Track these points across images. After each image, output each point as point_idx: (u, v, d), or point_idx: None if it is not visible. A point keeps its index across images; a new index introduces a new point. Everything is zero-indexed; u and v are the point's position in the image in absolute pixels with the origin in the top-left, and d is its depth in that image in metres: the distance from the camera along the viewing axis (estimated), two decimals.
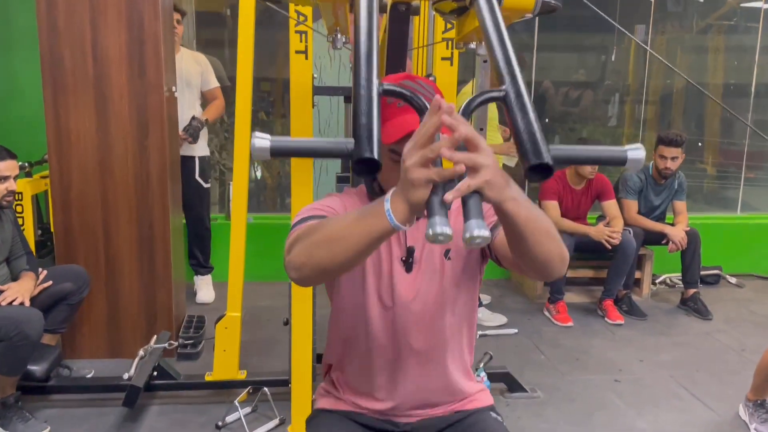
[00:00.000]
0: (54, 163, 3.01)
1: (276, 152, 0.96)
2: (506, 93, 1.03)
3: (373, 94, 0.98)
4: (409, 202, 0.93)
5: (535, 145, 0.94)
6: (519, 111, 1.00)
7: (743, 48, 5.35)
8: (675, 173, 4.10)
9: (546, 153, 0.93)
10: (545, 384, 3.03)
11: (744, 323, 3.92)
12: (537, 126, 0.97)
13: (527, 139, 0.95)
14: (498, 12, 1.18)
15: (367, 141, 0.92)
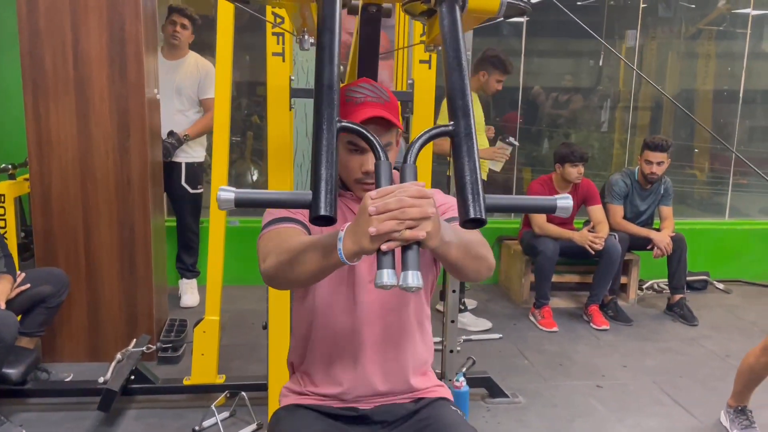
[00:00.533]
0: (34, 165, 3.00)
1: (240, 203, 1.03)
2: (455, 131, 1.07)
3: (333, 136, 1.02)
4: (360, 246, 1.01)
5: (475, 198, 1.00)
6: (466, 154, 1.04)
7: (732, 54, 5.36)
8: (661, 178, 4.10)
9: (482, 208, 1.00)
10: (527, 389, 3.01)
11: (730, 329, 3.91)
12: (479, 174, 1.03)
13: (469, 191, 1.00)
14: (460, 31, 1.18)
15: (324, 198, 0.98)
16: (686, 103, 5.60)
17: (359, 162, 1.40)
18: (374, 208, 0.98)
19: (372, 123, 1.37)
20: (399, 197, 0.98)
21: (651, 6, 5.34)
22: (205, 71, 3.76)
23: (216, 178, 2.63)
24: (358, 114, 1.36)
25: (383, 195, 1.00)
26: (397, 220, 0.97)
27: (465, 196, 1.00)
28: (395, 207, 0.98)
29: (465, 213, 0.99)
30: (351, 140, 1.39)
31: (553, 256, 3.83)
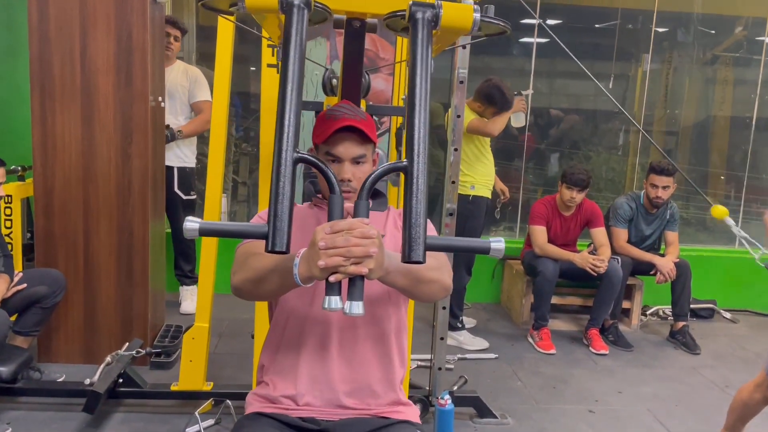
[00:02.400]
0: (38, 167, 3.06)
1: (203, 233, 1.14)
2: (409, 168, 1.14)
3: (288, 169, 1.12)
4: (311, 274, 1.15)
5: (415, 242, 1.10)
6: (415, 193, 1.12)
7: (746, 80, 5.30)
8: (667, 203, 4.05)
9: (422, 251, 1.10)
10: (517, 411, 2.98)
11: (733, 360, 3.83)
12: (424, 214, 1.12)
13: (412, 234, 1.11)
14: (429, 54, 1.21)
15: (277, 234, 1.09)
16: (702, 128, 5.54)
17: (336, 170, 1.48)
18: (324, 243, 1.11)
19: (347, 137, 1.45)
20: (345, 237, 1.11)
21: (671, 30, 5.32)
22: (194, 76, 3.86)
23: (211, 187, 2.66)
24: (333, 125, 1.46)
25: (334, 231, 1.12)
26: (343, 257, 1.10)
27: (409, 236, 1.11)
28: (341, 245, 1.10)
29: (407, 255, 1.11)
30: (328, 151, 1.49)
31: (552, 278, 3.79)
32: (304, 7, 1.19)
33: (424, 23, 1.23)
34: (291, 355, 1.49)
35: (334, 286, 1.11)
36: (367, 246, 1.10)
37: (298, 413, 1.45)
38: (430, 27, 1.24)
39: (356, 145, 1.48)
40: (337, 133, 1.46)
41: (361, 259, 1.10)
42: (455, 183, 2.68)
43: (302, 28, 1.17)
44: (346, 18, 1.75)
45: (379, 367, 1.49)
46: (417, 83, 1.17)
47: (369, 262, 1.11)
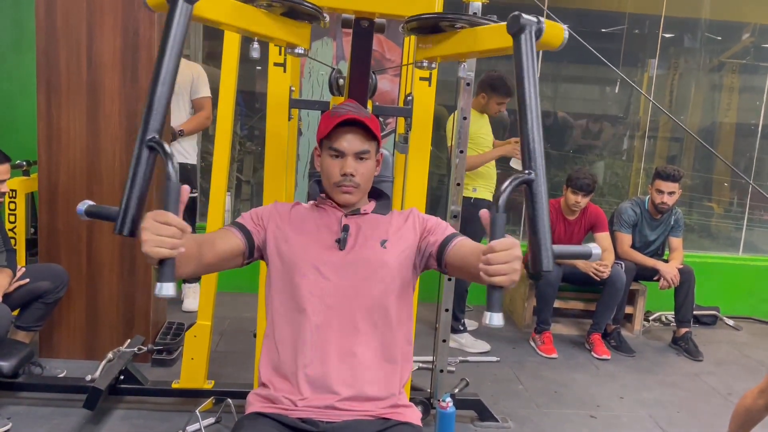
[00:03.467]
0: (43, 162, 3.06)
1: (89, 214, 1.22)
2: (534, 179, 1.19)
3: (141, 154, 1.15)
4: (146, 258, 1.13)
5: (545, 252, 1.15)
6: (542, 203, 1.16)
7: (754, 87, 5.29)
8: (672, 209, 4.04)
9: (551, 260, 1.15)
10: (518, 415, 2.96)
11: (735, 367, 3.81)
12: (548, 228, 1.16)
13: (542, 244, 1.14)
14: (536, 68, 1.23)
15: (123, 217, 1.13)
16: (708, 134, 5.53)
17: (339, 165, 1.50)
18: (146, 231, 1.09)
19: (350, 131, 1.44)
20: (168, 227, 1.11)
21: (677, 36, 5.31)
22: (197, 73, 3.87)
23: (216, 185, 2.66)
24: (337, 120, 1.48)
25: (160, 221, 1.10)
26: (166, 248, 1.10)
27: (539, 249, 1.14)
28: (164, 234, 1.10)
29: (538, 264, 1.14)
30: (331, 146, 1.50)
31: (555, 282, 3.78)
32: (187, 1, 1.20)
33: (530, 36, 1.23)
34: (290, 356, 1.49)
35: (163, 273, 1.10)
36: (512, 262, 1.10)
37: (297, 414, 1.45)
38: (534, 39, 1.24)
39: (359, 140, 1.49)
40: (339, 126, 1.46)
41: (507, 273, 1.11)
42: (460, 185, 2.67)
43: (183, 21, 1.19)
44: (354, 18, 1.75)
45: (381, 369, 1.49)
46: (526, 95, 1.20)
47: (515, 276, 1.11)
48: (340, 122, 1.47)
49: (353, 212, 1.56)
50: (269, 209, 1.59)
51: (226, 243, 1.49)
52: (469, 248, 1.43)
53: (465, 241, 1.48)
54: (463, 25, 1.56)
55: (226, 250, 1.48)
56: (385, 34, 3.99)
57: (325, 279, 1.48)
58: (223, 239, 1.49)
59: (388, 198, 1.63)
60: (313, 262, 1.49)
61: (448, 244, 1.49)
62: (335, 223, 1.54)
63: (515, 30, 1.23)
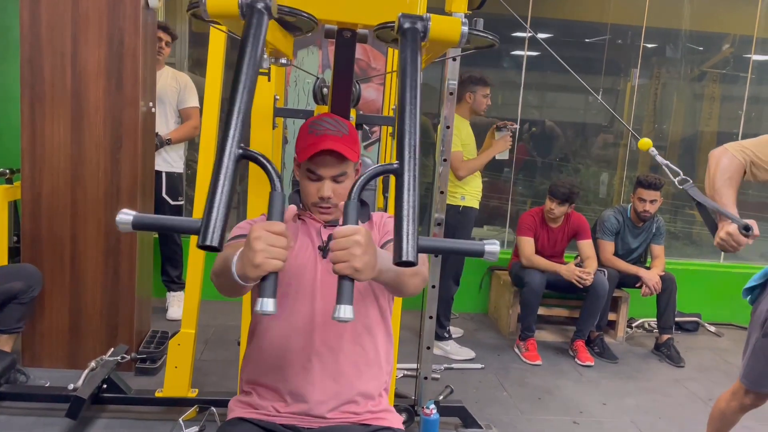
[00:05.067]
0: (26, 170, 3.05)
1: (137, 226, 1.13)
2: (400, 169, 1.12)
3: (231, 163, 1.07)
4: (245, 272, 1.10)
5: (408, 241, 1.05)
6: (407, 194, 1.09)
7: (733, 97, 5.38)
8: (653, 217, 4.10)
9: (414, 251, 1.05)
10: (502, 421, 2.98)
11: (716, 373, 3.86)
12: (415, 215, 1.08)
13: (405, 233, 1.06)
14: (419, 64, 1.23)
15: (212, 229, 1.03)
16: (690, 143, 5.61)
17: (316, 188, 1.52)
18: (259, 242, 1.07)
19: (328, 157, 1.49)
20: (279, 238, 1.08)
21: (659, 46, 5.39)
22: (184, 83, 3.87)
23: (200, 193, 2.66)
24: (315, 146, 1.48)
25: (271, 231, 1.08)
26: (278, 259, 1.07)
27: (400, 238, 1.06)
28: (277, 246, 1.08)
29: (398, 255, 1.05)
30: (309, 168, 1.51)
31: (539, 289, 3.82)
32: (264, 12, 1.20)
33: (414, 34, 1.25)
34: (272, 363, 1.49)
35: (266, 288, 1.07)
36: (351, 248, 1.06)
37: (279, 420, 1.46)
38: (419, 38, 1.26)
39: (336, 163, 1.49)
40: (317, 155, 1.47)
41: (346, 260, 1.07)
42: (444, 193, 2.70)
43: (261, 32, 1.17)
44: (337, 28, 1.77)
45: (363, 376, 1.50)
46: (407, 91, 1.19)
47: (355, 261, 1.06)
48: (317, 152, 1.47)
49: (332, 223, 1.57)
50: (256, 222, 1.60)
51: None
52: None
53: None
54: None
55: None
56: (371, 44, 4.02)
57: (307, 289, 1.49)
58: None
59: (368, 206, 1.65)
60: (295, 273, 1.50)
61: (386, 245, 1.49)
62: (315, 234, 1.55)
63: (399, 27, 1.25)
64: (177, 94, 3.84)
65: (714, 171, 2.11)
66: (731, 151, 2.11)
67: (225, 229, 1.04)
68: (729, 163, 2.09)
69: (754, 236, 1.87)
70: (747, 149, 2.10)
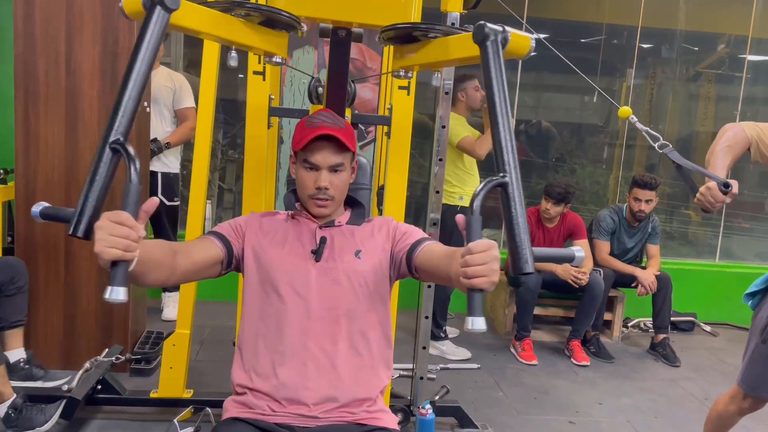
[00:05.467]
0: (20, 170, 3.03)
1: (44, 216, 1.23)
2: (508, 182, 1.18)
3: (104, 155, 1.13)
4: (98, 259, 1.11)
5: (524, 254, 1.12)
6: (517, 205, 1.16)
7: (728, 97, 5.39)
8: (649, 216, 4.10)
9: (531, 263, 1.12)
10: (498, 422, 2.98)
11: (712, 372, 3.86)
12: (527, 227, 1.15)
13: (521, 246, 1.12)
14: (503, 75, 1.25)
15: (82, 221, 1.13)
16: (686, 143, 5.61)
17: (313, 178, 1.51)
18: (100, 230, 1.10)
19: (325, 146, 1.45)
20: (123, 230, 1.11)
21: (655, 46, 5.40)
22: (179, 83, 3.83)
23: (195, 193, 2.65)
24: (312, 133, 1.47)
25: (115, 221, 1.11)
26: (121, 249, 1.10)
27: (518, 250, 1.12)
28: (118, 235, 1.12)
29: (519, 267, 1.11)
30: (305, 159, 1.50)
31: (535, 288, 3.82)
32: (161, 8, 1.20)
33: (496, 46, 1.25)
34: (267, 364, 1.49)
35: (114, 276, 1.08)
36: (490, 263, 1.08)
37: (274, 419, 1.45)
38: (501, 48, 1.26)
39: (334, 153, 1.49)
40: (314, 141, 1.46)
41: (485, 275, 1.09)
42: (439, 193, 2.69)
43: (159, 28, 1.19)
44: (332, 27, 1.77)
45: (359, 377, 1.49)
46: (496, 101, 1.21)
47: (494, 277, 1.09)
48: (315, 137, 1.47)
49: (328, 224, 1.57)
50: (247, 219, 1.59)
51: (204, 252, 1.48)
52: (438, 251, 1.43)
53: (434, 245, 1.48)
54: (436, 35, 1.58)
55: (204, 259, 1.47)
56: (367, 43, 4.01)
57: (301, 290, 1.49)
58: (202, 248, 1.48)
59: (363, 207, 1.64)
60: (290, 274, 1.50)
61: (416, 248, 1.50)
62: (310, 235, 1.54)
63: (480, 39, 1.25)
64: (172, 94, 3.81)
65: (717, 139, 2.11)
66: (743, 125, 2.10)
67: (95, 220, 1.09)
68: (734, 135, 2.08)
69: (733, 194, 1.88)
70: (759, 126, 2.09)
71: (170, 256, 1.35)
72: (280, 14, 1.53)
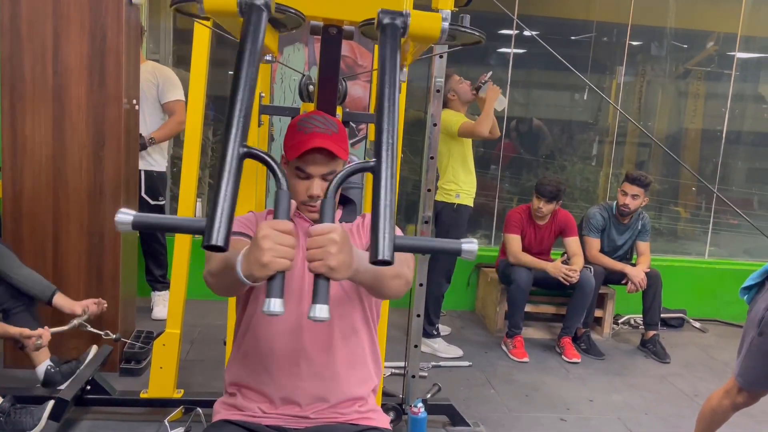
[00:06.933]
0: (7, 170, 3.00)
1: (137, 226, 1.07)
2: (377, 167, 1.10)
3: (235, 162, 1.05)
4: (251, 271, 1.08)
5: (385, 240, 1.03)
6: (384, 193, 1.07)
7: (717, 94, 5.42)
8: (639, 214, 4.12)
9: (390, 250, 1.02)
10: (490, 419, 2.98)
11: (701, 368, 3.89)
12: (392, 214, 1.06)
13: (381, 232, 1.03)
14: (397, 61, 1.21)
15: (218, 228, 1.00)
16: (675, 140, 5.64)
17: (305, 186, 1.50)
18: (266, 241, 1.05)
19: (317, 156, 1.45)
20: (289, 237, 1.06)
21: (644, 44, 5.42)
22: (163, 77, 3.74)
23: (185, 191, 2.63)
24: (305, 143, 1.46)
25: (278, 229, 1.06)
26: (286, 258, 1.05)
27: (376, 236, 1.04)
28: (285, 244, 1.05)
29: (374, 254, 1.03)
30: (298, 167, 1.49)
31: (526, 286, 3.82)
32: (264, 9, 1.18)
33: (393, 30, 1.23)
34: (258, 364, 1.48)
35: (274, 288, 1.05)
36: (326, 246, 1.05)
37: (265, 421, 1.44)
38: (399, 34, 1.25)
39: (326, 162, 1.48)
40: (307, 153, 1.45)
41: (320, 258, 1.05)
42: (431, 191, 2.69)
43: (260, 29, 1.16)
44: (322, 25, 1.75)
45: (351, 377, 1.49)
46: (385, 88, 1.17)
47: (329, 260, 1.05)
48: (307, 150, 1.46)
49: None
50: (250, 218, 1.58)
51: None
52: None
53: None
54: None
55: None
56: (358, 41, 4.00)
57: (295, 290, 1.47)
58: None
59: (355, 205, 1.64)
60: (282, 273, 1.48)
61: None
62: (303, 234, 1.53)
63: (379, 25, 1.23)
64: (155, 89, 3.72)
65: None
66: None
67: (230, 228, 1.01)
68: None
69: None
70: None
71: None
72: (288, 11, 1.49)
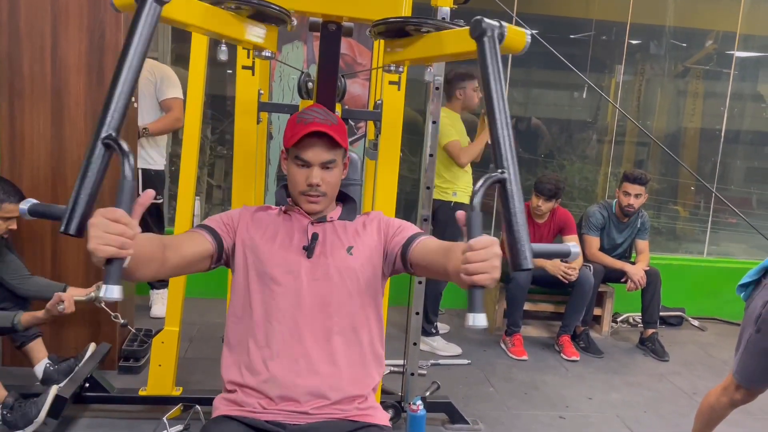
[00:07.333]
0: (6, 168, 2.99)
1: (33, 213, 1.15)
2: (506, 178, 1.16)
3: (96, 150, 1.11)
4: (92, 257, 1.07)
5: (524, 250, 1.12)
6: (515, 201, 1.15)
7: (716, 93, 5.43)
8: (638, 212, 4.12)
9: (529, 258, 1.12)
10: (489, 417, 2.98)
11: (700, 367, 3.89)
12: (525, 224, 1.14)
13: (520, 242, 1.12)
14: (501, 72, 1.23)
15: (74, 218, 1.09)
16: (674, 139, 5.65)
17: (304, 175, 1.49)
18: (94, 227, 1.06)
19: (316, 142, 1.44)
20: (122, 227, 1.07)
21: (643, 43, 5.42)
22: (160, 74, 3.72)
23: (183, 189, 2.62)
24: (304, 130, 1.46)
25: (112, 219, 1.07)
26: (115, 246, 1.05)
27: (517, 246, 1.12)
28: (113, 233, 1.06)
29: (517, 263, 1.11)
30: (297, 155, 1.49)
31: (525, 284, 3.82)
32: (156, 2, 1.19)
33: (493, 42, 1.24)
34: (257, 361, 1.48)
35: (109, 274, 1.05)
36: (491, 259, 1.08)
37: (265, 417, 1.44)
38: (497, 43, 1.25)
39: (325, 150, 1.48)
40: (306, 137, 1.45)
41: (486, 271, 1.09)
42: (430, 189, 2.69)
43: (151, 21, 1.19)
44: (322, 21, 1.75)
45: (351, 374, 1.48)
46: (494, 97, 1.20)
47: (495, 273, 1.09)
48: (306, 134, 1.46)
49: (320, 220, 1.55)
50: (239, 213, 1.58)
51: (194, 246, 1.46)
52: (434, 246, 1.42)
53: (429, 240, 1.47)
54: (429, 30, 1.57)
55: (194, 253, 1.45)
56: (357, 38, 3.99)
57: (293, 287, 1.48)
58: (191, 242, 1.46)
59: (355, 202, 1.63)
60: (281, 270, 1.48)
61: (411, 244, 1.49)
62: (302, 231, 1.53)
63: (477, 34, 1.24)
64: (153, 87, 3.70)
65: None
66: None
67: (87, 217, 1.06)
68: None
69: None
70: None
71: (160, 251, 1.33)
72: (270, 7, 1.51)
